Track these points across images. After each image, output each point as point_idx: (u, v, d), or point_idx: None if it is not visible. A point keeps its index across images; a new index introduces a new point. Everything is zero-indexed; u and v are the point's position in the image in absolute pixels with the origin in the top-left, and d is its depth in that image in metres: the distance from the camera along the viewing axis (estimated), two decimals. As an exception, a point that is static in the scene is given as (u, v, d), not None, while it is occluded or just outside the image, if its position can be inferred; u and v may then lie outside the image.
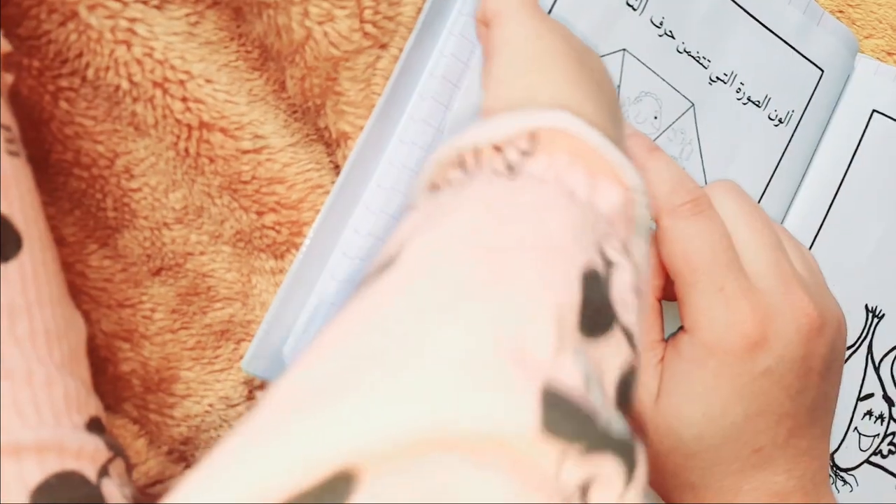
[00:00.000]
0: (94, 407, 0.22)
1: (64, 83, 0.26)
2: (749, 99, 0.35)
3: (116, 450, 0.21)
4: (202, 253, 0.28)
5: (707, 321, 0.26)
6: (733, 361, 0.26)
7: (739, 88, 0.34)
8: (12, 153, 0.21)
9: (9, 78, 0.22)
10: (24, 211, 0.21)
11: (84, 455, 0.20)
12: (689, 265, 0.27)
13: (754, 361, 0.26)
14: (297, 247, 0.28)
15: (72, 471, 0.19)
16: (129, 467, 0.27)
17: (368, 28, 0.27)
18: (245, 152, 0.27)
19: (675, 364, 0.27)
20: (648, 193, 0.28)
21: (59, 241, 0.24)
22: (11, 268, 0.20)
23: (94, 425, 0.21)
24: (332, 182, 0.28)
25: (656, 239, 0.29)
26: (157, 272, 0.28)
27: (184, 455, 0.29)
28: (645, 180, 0.28)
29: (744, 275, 0.27)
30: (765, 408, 0.26)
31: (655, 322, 0.29)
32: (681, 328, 0.28)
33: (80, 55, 0.25)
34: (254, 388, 0.30)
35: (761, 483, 0.26)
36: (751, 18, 0.34)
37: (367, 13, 0.27)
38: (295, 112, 0.29)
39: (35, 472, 0.19)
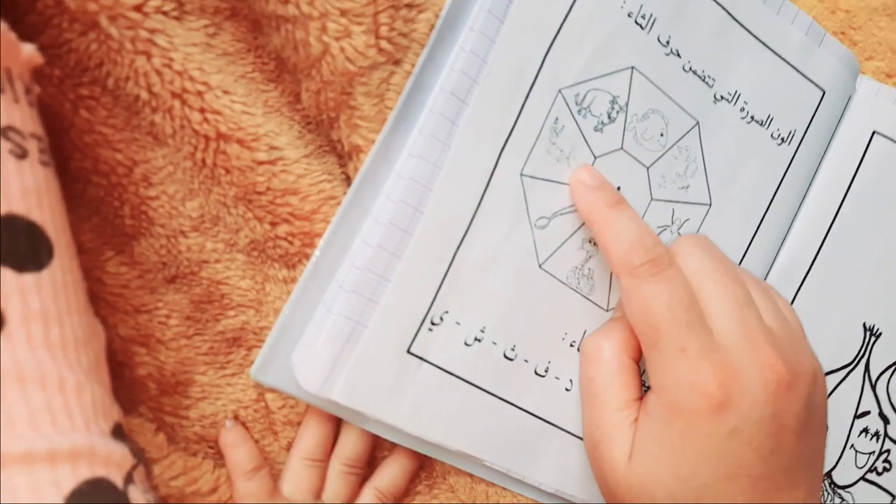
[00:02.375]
0: (116, 413, 0.22)
1: (84, 92, 0.25)
2: (752, 118, 0.34)
3: (139, 456, 0.21)
4: (217, 261, 0.28)
5: (671, 382, 0.26)
6: (699, 423, 0.25)
7: (743, 107, 0.34)
8: (44, 163, 0.21)
9: (37, 88, 0.22)
10: (55, 220, 0.21)
11: (112, 462, 0.20)
12: (650, 326, 0.26)
13: (720, 422, 0.25)
14: (308, 258, 0.27)
15: (101, 477, 0.19)
16: (150, 472, 0.27)
17: (384, 44, 0.26)
18: (260, 163, 0.26)
19: (646, 424, 0.26)
20: (609, 251, 0.28)
21: (77, 248, 0.23)
22: (45, 276, 0.20)
23: (118, 432, 0.21)
24: (345, 193, 0.28)
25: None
26: (172, 279, 0.28)
27: (197, 452, 0.29)
28: (606, 237, 0.28)
29: (707, 334, 0.26)
30: (736, 470, 0.25)
31: (631, 381, 0.28)
32: (650, 387, 0.28)
33: (100, 65, 0.25)
34: (264, 390, 0.29)
35: None
36: (754, 39, 0.34)
37: (383, 30, 0.26)
38: (309, 124, 0.29)
39: (69, 479, 0.18)
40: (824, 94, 0.35)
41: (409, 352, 0.27)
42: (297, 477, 0.28)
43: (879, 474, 0.36)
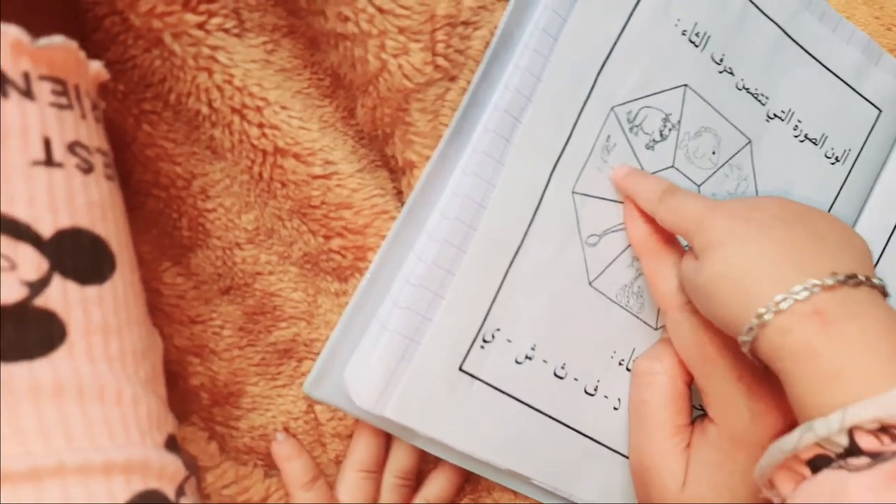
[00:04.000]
0: (171, 424, 0.21)
1: (147, 107, 0.25)
2: (806, 136, 0.32)
3: (191, 468, 0.21)
4: (270, 273, 0.27)
5: (733, 411, 0.25)
6: (762, 454, 0.24)
7: (797, 126, 0.32)
8: (109, 177, 0.21)
9: (102, 104, 0.22)
10: (118, 234, 0.20)
11: (165, 474, 0.19)
12: (703, 357, 0.25)
13: None
14: (360, 271, 0.26)
15: (154, 489, 0.19)
16: (202, 482, 0.26)
17: (440, 61, 0.25)
18: (315, 177, 0.26)
19: (704, 452, 0.25)
20: (655, 286, 0.27)
21: (137, 259, 0.23)
22: (106, 288, 0.19)
23: (171, 443, 0.20)
24: (397, 208, 0.27)
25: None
26: (227, 291, 0.27)
27: (248, 462, 0.28)
28: (653, 272, 0.27)
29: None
30: None
31: (683, 407, 0.27)
32: (706, 414, 0.26)
33: (163, 80, 0.24)
34: (313, 402, 0.28)
35: None
36: (809, 57, 0.32)
37: (440, 46, 0.25)
38: (362, 139, 0.28)
39: (123, 492, 0.18)
40: (880, 112, 0.33)
41: (461, 369, 0.26)
42: (354, 488, 0.28)
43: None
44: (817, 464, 0.20)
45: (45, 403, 0.17)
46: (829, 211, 0.33)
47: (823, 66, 0.32)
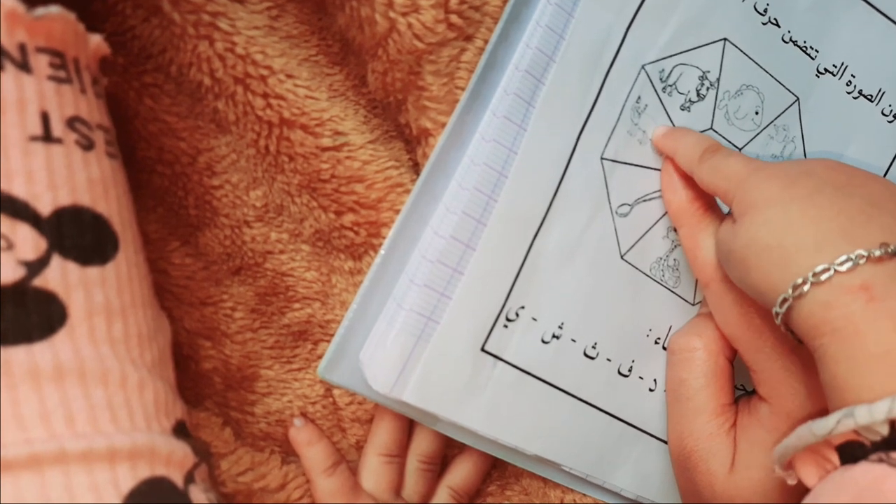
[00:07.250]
0: (179, 410, 0.21)
1: (148, 80, 0.25)
2: (860, 93, 0.31)
3: (201, 454, 0.20)
4: (281, 252, 0.27)
5: (786, 388, 0.24)
6: None
7: (850, 81, 0.30)
8: (110, 154, 0.20)
9: (104, 79, 0.22)
10: (121, 213, 0.20)
11: (173, 461, 0.19)
12: (751, 329, 0.24)
13: None
14: (374, 248, 0.26)
15: (161, 477, 0.19)
16: (214, 469, 0.26)
17: (454, 19, 0.24)
18: (325, 150, 0.25)
19: (754, 433, 0.24)
20: (696, 259, 0.26)
21: (143, 239, 0.23)
22: (109, 269, 0.19)
23: (180, 429, 0.20)
24: (412, 181, 0.26)
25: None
26: (237, 271, 0.27)
27: (264, 448, 0.28)
28: (693, 244, 0.26)
29: None
30: None
31: (725, 386, 0.26)
32: (754, 393, 0.25)
33: (163, 51, 0.24)
34: (331, 385, 0.28)
35: None
36: (865, 4, 0.30)
37: (453, 3, 0.24)
38: (375, 108, 0.27)
39: (128, 478, 0.18)
40: (945, 63, 0.31)
41: (483, 350, 0.25)
42: (376, 474, 0.28)
43: None
44: (848, 450, 0.19)
45: (45, 387, 0.17)
46: (885, 173, 0.31)
47: (881, 13, 0.30)
